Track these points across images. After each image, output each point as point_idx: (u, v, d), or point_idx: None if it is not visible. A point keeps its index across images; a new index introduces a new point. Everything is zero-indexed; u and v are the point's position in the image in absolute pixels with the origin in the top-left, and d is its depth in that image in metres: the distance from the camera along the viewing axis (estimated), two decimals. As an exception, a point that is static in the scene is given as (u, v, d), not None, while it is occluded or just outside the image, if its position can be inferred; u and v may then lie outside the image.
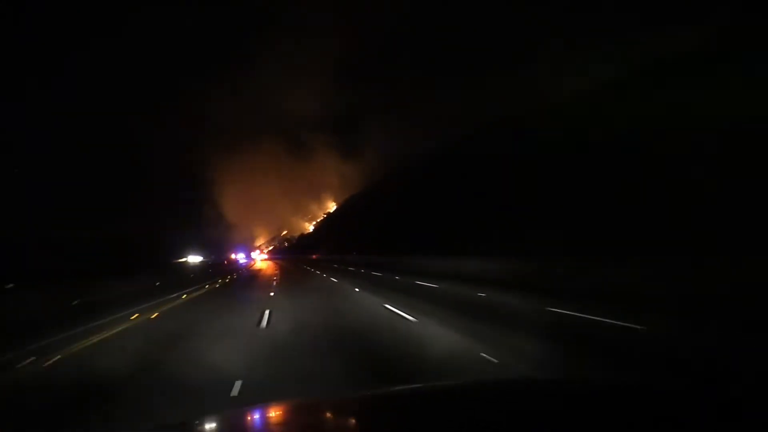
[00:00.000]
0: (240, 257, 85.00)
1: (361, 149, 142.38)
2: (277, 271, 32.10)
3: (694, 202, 11.15)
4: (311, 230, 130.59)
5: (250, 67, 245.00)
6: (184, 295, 14.84)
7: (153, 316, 9.98)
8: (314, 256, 72.08)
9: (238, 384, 4.19)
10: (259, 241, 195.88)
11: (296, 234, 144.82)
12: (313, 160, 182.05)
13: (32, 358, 6.08)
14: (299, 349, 5.91)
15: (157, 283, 20.95)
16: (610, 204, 14.31)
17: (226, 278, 26.54)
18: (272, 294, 14.22)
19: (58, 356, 6.17)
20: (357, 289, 14.05)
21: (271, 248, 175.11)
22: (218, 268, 44.01)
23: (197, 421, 1.49)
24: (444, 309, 8.82)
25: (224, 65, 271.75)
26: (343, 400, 1.89)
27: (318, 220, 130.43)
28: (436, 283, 14.35)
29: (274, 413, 1.62)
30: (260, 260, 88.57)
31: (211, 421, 1.52)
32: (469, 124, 39.87)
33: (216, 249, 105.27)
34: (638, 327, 6.22)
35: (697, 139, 12.15)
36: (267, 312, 9.26)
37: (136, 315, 10.16)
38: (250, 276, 28.59)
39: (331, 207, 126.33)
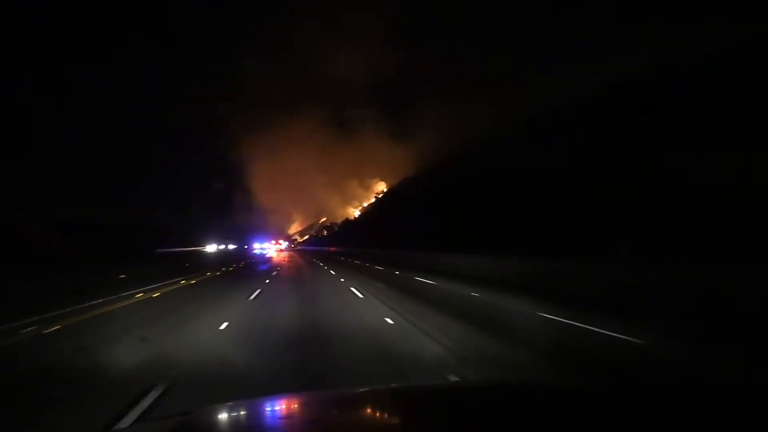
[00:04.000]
0: (261, 247, 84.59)
1: (414, 128, 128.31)
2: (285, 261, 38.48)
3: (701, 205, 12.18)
4: (357, 216, 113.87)
5: (287, 27, 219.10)
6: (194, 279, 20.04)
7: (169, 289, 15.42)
8: (332, 249, 71.27)
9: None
10: (294, 229, 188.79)
11: (338, 221, 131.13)
12: (359, 138, 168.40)
13: (104, 306, 11.21)
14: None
15: (187, 264, 28.94)
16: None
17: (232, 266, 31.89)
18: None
19: (119, 305, 11.21)
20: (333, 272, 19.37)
21: (306, 238, 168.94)
22: (235, 257, 51.12)
23: (203, 412, 1.59)
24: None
25: (257, 24, 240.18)
26: (344, 395, 2.02)
27: (366, 205, 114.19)
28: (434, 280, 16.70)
29: (279, 406, 1.75)
30: (276, 251, 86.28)
31: (217, 412, 1.60)
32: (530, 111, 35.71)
33: (243, 237, 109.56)
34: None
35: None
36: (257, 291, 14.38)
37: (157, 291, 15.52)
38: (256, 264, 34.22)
39: (380, 190, 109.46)
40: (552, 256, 14.26)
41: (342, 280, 16.58)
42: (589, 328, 6.95)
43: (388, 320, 7.84)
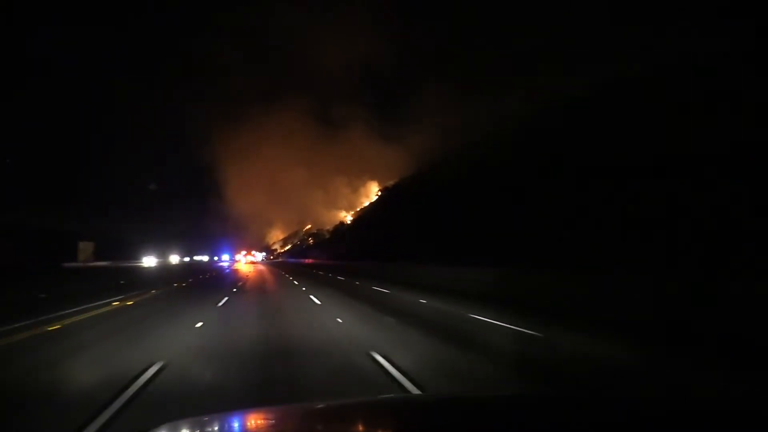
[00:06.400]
0: (229, 260, 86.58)
1: (407, 122, 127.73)
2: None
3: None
4: (349, 222, 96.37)
5: (264, 11, 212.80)
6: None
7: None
8: (308, 261, 67.90)
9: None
10: (275, 238, 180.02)
11: (326, 227, 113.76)
12: (347, 135, 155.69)
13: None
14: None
15: (122, 282, 26.10)
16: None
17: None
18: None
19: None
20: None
21: (288, 247, 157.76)
22: (186, 272, 43.52)
23: (161, 428, 1.47)
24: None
25: (231, 8, 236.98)
26: (335, 407, 1.96)
27: (360, 207, 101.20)
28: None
29: (247, 421, 1.68)
30: (244, 264, 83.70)
31: (176, 428, 1.55)
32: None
33: (213, 248, 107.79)
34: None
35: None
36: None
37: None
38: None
39: (375, 191, 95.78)
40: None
41: (339, 320, 9.73)
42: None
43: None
